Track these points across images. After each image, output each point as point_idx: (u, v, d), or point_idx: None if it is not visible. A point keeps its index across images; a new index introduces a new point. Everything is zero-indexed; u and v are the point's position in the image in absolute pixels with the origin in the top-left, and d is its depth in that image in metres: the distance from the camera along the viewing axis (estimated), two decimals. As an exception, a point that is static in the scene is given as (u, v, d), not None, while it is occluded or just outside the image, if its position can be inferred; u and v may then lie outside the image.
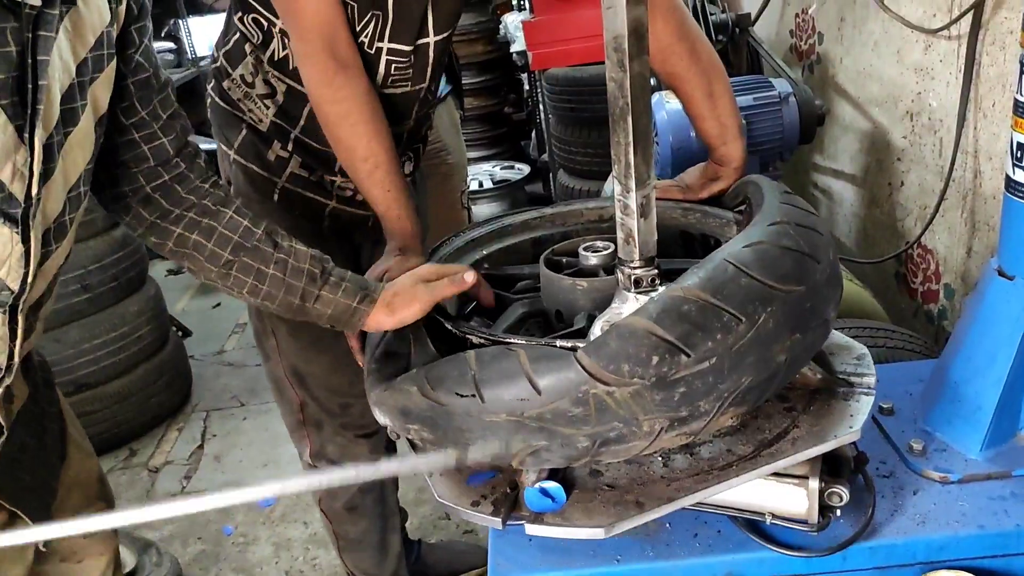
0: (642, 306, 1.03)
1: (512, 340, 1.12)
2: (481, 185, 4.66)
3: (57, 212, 1.05)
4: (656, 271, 1.15)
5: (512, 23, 4.63)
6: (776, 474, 1.15)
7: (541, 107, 4.24)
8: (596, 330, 1.12)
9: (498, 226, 1.56)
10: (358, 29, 1.47)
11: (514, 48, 4.43)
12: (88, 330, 2.78)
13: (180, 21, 6.19)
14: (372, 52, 1.51)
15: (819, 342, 1.17)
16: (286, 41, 1.54)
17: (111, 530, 1.40)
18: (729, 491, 1.15)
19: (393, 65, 1.54)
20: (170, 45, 6.14)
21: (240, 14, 1.59)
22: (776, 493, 1.18)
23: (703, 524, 1.29)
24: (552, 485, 1.11)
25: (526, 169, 4.88)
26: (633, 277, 1.14)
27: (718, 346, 0.99)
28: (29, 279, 1.01)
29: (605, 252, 1.31)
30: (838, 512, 1.18)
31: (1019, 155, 1.25)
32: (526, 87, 5.35)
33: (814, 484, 1.14)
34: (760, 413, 1.20)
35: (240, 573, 2.33)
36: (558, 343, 1.08)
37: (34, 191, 0.96)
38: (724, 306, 1.00)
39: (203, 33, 6.19)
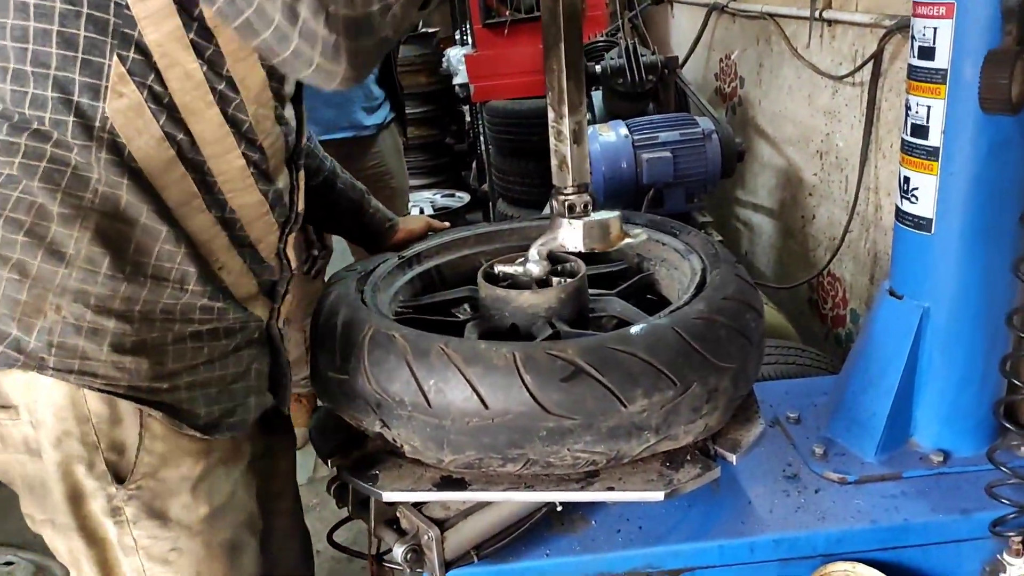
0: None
1: None
2: (422, 212, 4.75)
3: None
4: (589, 198, 1.22)
5: (455, 56, 4.77)
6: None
7: (482, 138, 4.36)
8: (533, 254, 1.25)
9: (440, 242, 1.64)
10: None
11: (456, 80, 4.56)
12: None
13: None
14: None
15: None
16: None
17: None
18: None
19: None
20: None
21: None
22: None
23: (626, 521, 1.39)
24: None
25: (466, 197, 4.99)
26: (567, 203, 1.20)
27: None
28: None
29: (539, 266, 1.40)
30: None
31: (906, 188, 1.41)
32: (467, 118, 5.49)
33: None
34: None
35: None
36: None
37: None
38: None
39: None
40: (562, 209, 1.22)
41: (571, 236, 1.26)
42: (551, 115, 1.17)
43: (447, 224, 1.72)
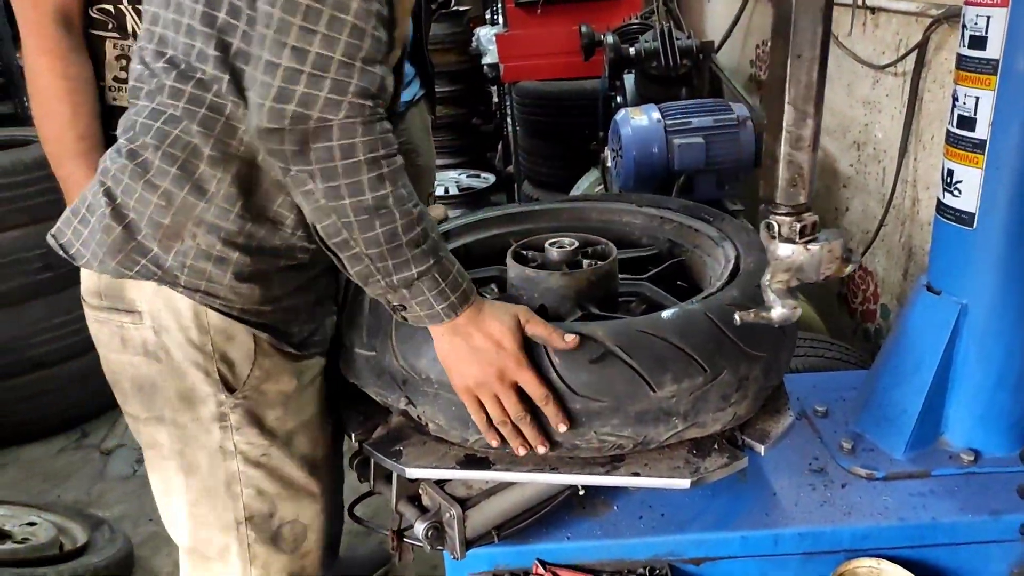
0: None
1: None
2: (447, 191, 4.74)
3: None
4: (816, 216, 1.03)
5: (485, 36, 4.74)
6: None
7: (509, 119, 4.33)
8: (771, 297, 1.07)
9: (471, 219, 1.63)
10: None
11: (486, 60, 4.53)
12: (49, 308, 2.76)
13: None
14: None
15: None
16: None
17: None
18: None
19: None
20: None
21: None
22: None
23: (648, 508, 1.38)
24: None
25: (492, 178, 4.97)
26: (801, 226, 1.02)
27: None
28: None
29: (570, 248, 1.38)
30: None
31: (949, 180, 1.38)
32: (495, 99, 5.46)
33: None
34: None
35: (191, 556, 2.34)
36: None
37: None
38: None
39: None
40: (792, 232, 1.02)
41: (809, 263, 1.07)
42: (790, 116, 0.96)
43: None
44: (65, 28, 1.40)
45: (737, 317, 1.08)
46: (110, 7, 1.47)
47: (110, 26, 1.48)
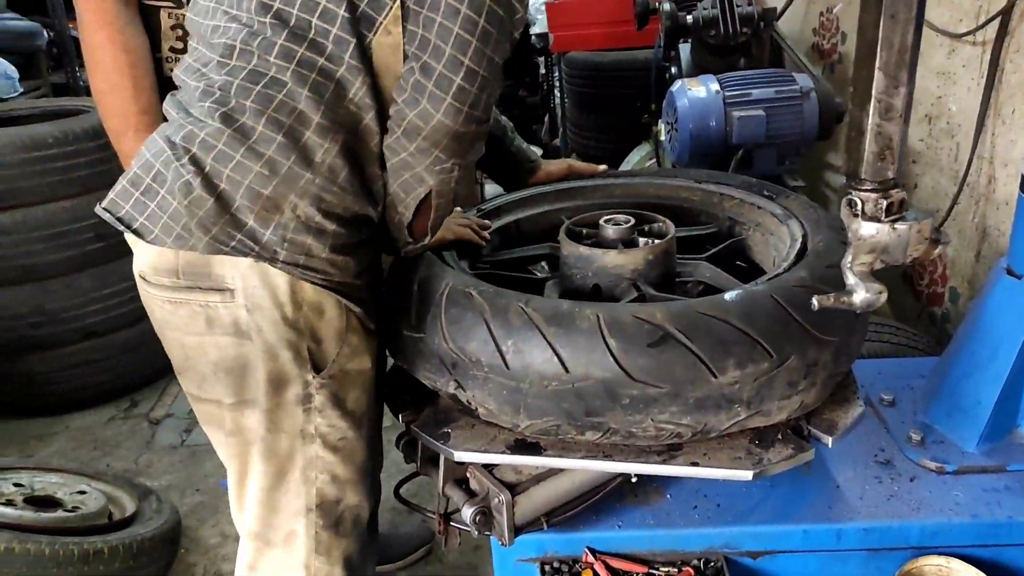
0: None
1: None
2: (492, 165, 4.69)
3: None
4: (904, 193, 0.95)
5: (533, 4, 4.64)
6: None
7: (556, 91, 4.24)
8: (850, 278, 0.99)
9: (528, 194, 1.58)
10: None
11: (534, 30, 4.43)
12: (100, 278, 2.77)
13: None
14: None
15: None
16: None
17: None
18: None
19: None
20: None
21: None
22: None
23: (703, 497, 1.33)
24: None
25: (538, 152, 4.89)
26: (889, 203, 0.95)
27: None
28: None
29: (626, 225, 1.33)
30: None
31: (1037, 156, 1.28)
32: (542, 70, 5.36)
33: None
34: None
35: (237, 527, 2.36)
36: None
37: None
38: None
39: None
40: (877, 210, 0.95)
41: (895, 244, 0.99)
42: (880, 83, 0.89)
43: (593, 167, 1.68)
44: (123, 1, 1.37)
45: (815, 301, 1.00)
46: None
47: None
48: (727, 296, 1.09)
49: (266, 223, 1.07)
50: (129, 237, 1.14)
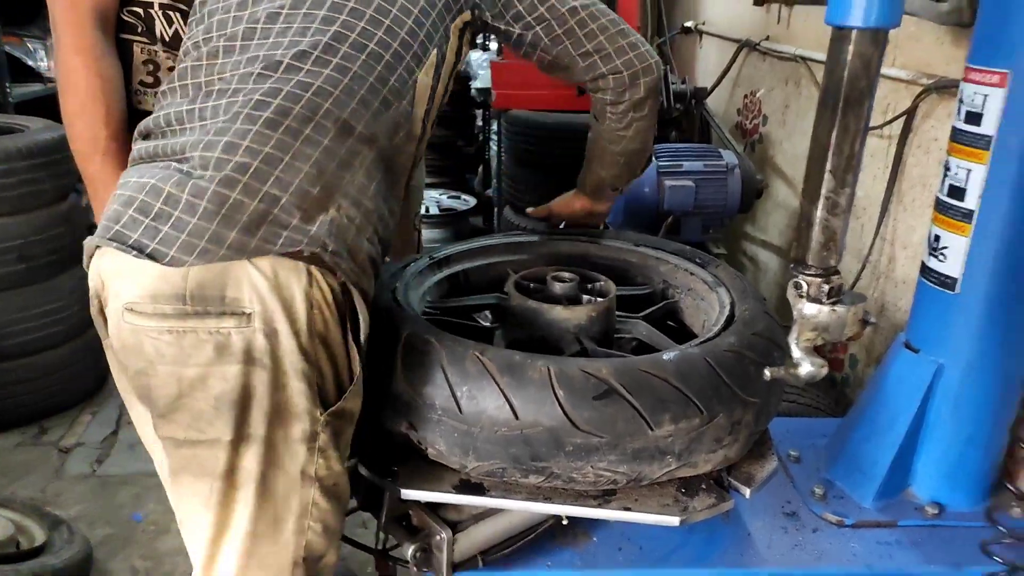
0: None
1: None
2: (428, 211, 4.75)
3: None
4: (841, 278, 1.09)
5: (476, 60, 4.78)
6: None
7: (492, 143, 4.35)
8: (796, 352, 1.12)
9: (467, 247, 1.66)
10: None
11: (475, 84, 4.56)
12: (20, 301, 2.70)
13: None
14: None
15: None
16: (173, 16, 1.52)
17: None
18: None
19: None
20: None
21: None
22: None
23: (627, 540, 1.41)
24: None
25: (472, 201, 4.99)
26: (830, 287, 1.07)
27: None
28: None
29: (571, 283, 1.42)
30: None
31: (935, 245, 1.44)
32: (479, 122, 5.50)
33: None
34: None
35: (149, 560, 2.30)
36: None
37: None
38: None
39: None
40: (820, 293, 1.07)
41: (834, 324, 1.13)
42: (829, 183, 1.00)
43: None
44: (102, 29, 1.41)
45: (767, 372, 1.13)
46: (140, 10, 1.48)
47: (139, 29, 1.49)
48: (665, 356, 1.19)
49: (311, 220, 1.07)
50: (126, 267, 1.06)
